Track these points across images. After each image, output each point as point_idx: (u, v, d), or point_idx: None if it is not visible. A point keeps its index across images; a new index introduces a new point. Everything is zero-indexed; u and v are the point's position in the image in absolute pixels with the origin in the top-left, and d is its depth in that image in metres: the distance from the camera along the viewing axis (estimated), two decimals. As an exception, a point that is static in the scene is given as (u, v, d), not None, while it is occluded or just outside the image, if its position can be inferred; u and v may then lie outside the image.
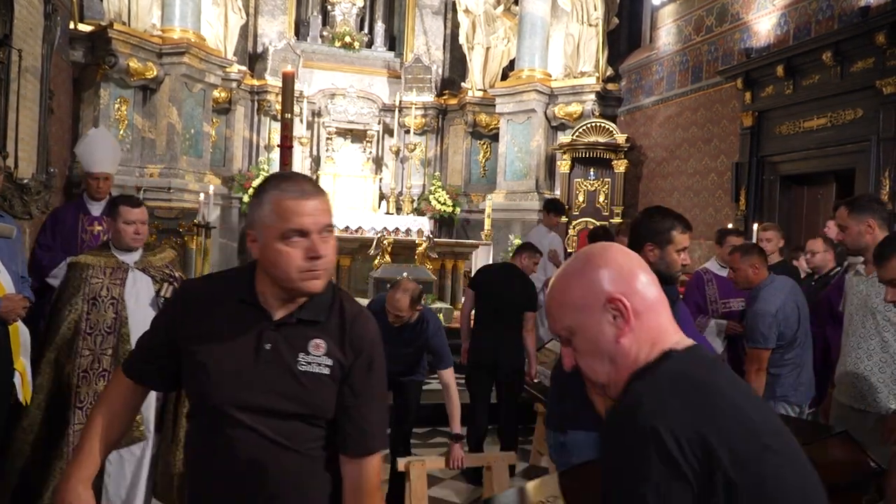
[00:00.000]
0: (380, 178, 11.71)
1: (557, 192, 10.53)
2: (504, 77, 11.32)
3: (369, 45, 12.21)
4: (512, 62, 11.19)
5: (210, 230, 6.36)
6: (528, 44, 10.60)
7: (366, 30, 12.34)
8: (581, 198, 10.26)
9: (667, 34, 9.75)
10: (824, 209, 7.34)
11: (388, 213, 11.28)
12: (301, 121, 10.74)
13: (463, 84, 11.85)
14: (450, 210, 11.54)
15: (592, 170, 10.20)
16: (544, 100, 10.61)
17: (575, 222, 10.08)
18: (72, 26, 8.04)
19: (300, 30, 12.04)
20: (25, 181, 5.25)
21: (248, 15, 10.81)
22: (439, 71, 12.23)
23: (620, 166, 10.01)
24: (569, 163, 10.19)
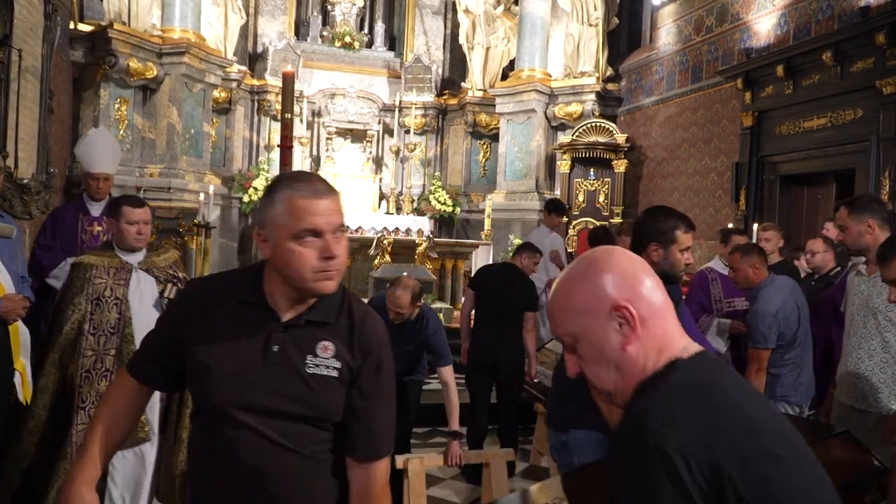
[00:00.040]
0: (380, 178, 11.71)
1: (557, 192, 10.52)
2: (504, 77, 11.31)
3: (369, 45, 12.21)
4: (512, 62, 11.19)
5: (210, 230, 6.36)
6: (528, 44, 10.60)
7: (366, 30, 12.34)
8: (581, 198, 10.26)
9: (667, 34, 9.75)
10: (824, 209, 7.34)
11: (388, 213, 11.28)
12: (301, 121, 10.74)
13: (463, 84, 11.85)
14: (450, 210, 11.54)
15: (592, 170, 10.21)
16: (544, 100, 10.61)
17: (575, 222, 10.08)
18: (72, 26, 8.04)
19: (300, 30, 12.04)
20: (25, 181, 5.25)
21: (248, 15, 10.81)
22: (439, 71, 12.23)
23: (620, 166, 10.01)
24: (569, 163, 10.19)
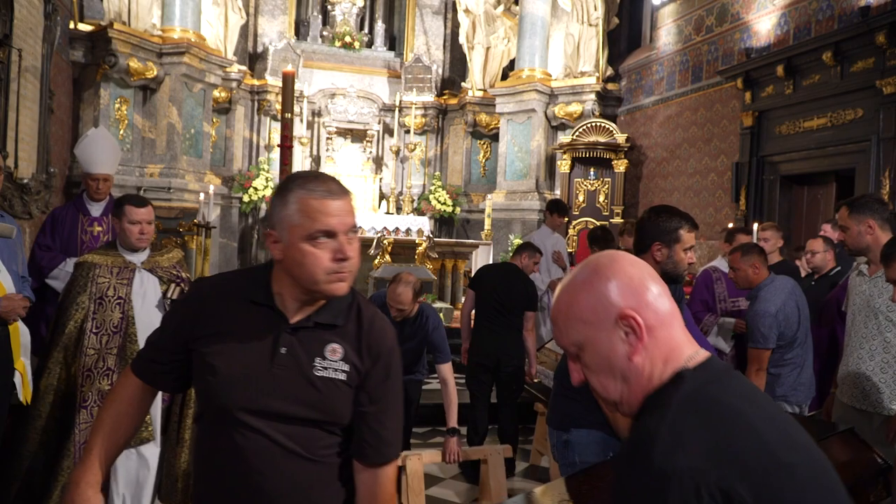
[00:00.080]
0: (380, 178, 11.71)
1: (557, 192, 10.53)
2: (504, 77, 11.32)
3: (369, 44, 12.22)
4: (512, 62, 11.19)
5: (210, 230, 6.34)
6: (528, 44, 10.60)
7: (366, 30, 12.35)
8: (581, 198, 10.27)
9: (667, 34, 9.75)
10: (824, 209, 7.34)
11: (388, 213, 11.28)
12: (301, 121, 10.75)
13: (463, 84, 11.86)
14: (450, 210, 11.54)
15: (592, 170, 10.22)
16: (544, 100, 10.61)
17: (575, 222, 10.09)
18: (72, 26, 8.05)
19: (300, 30, 12.04)
20: (25, 181, 5.26)
21: (248, 15, 10.82)
22: (439, 71, 12.23)
23: (620, 166, 10.01)
24: (569, 163, 10.20)
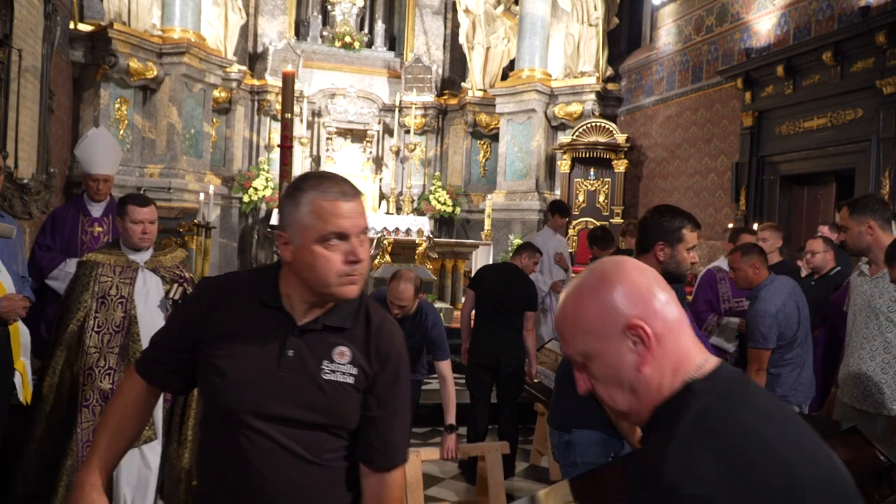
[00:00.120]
0: (380, 178, 11.71)
1: (557, 192, 10.53)
2: (504, 77, 11.32)
3: (369, 45, 12.22)
4: (512, 62, 11.19)
5: (210, 230, 6.33)
6: (528, 44, 10.60)
7: (366, 30, 12.35)
8: (581, 198, 10.27)
9: (667, 34, 9.76)
10: (824, 209, 7.35)
11: (388, 213, 11.28)
12: (301, 121, 10.75)
13: (463, 84, 11.86)
14: (450, 210, 11.54)
15: (592, 170, 10.22)
16: (544, 100, 10.61)
17: (575, 222, 10.09)
18: (72, 26, 8.05)
19: (300, 30, 12.05)
20: (25, 181, 5.26)
21: (248, 15, 10.82)
22: (439, 71, 12.23)
23: (620, 166, 10.01)
24: (569, 163, 10.20)
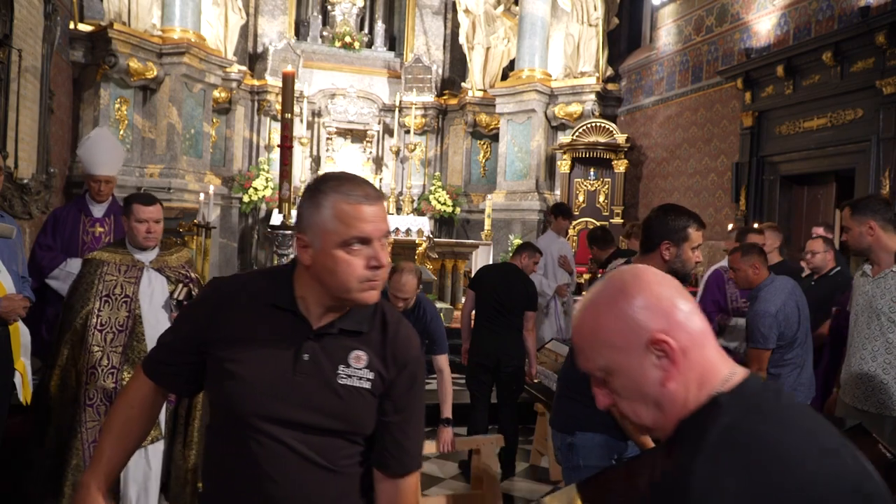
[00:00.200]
0: (380, 178, 11.71)
1: (557, 192, 10.54)
2: (504, 77, 11.32)
3: (369, 45, 12.22)
4: (512, 62, 11.19)
5: (210, 230, 6.34)
6: (528, 44, 10.60)
7: (366, 30, 12.34)
8: (581, 198, 10.27)
9: (667, 34, 9.76)
10: (824, 209, 7.35)
11: (388, 214, 11.26)
12: (301, 121, 10.75)
13: (463, 84, 11.86)
14: (450, 210, 11.54)
15: (592, 170, 10.22)
16: (544, 100, 10.61)
17: (575, 222, 10.07)
18: (72, 26, 8.05)
19: (300, 30, 12.04)
20: (25, 181, 5.26)
21: (248, 15, 10.81)
22: (439, 71, 12.23)
23: (620, 166, 10.02)
24: (569, 163, 10.20)
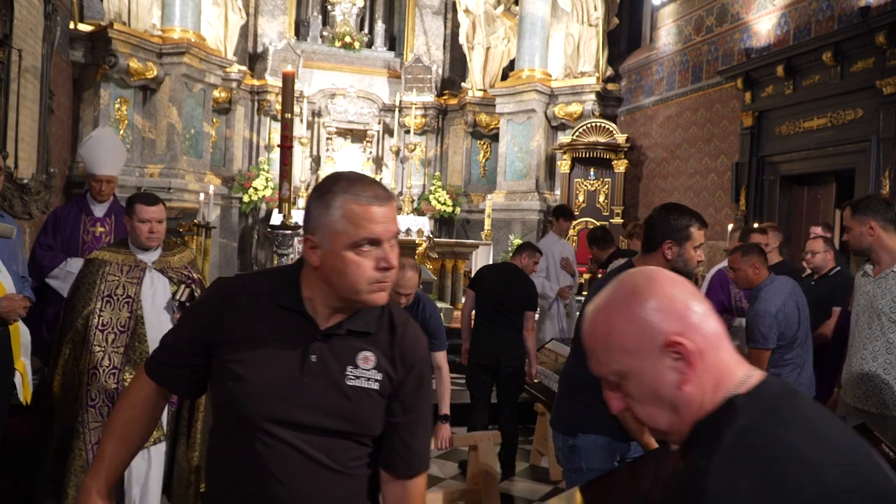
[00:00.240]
0: (380, 179, 11.69)
1: (557, 192, 10.54)
2: (504, 77, 11.32)
3: (369, 45, 12.22)
4: (512, 62, 11.19)
5: (210, 230, 6.35)
6: (528, 44, 10.60)
7: (366, 30, 12.34)
8: (581, 198, 10.27)
9: (667, 34, 9.76)
10: (824, 209, 7.35)
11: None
12: (301, 121, 10.75)
13: (463, 84, 11.86)
14: (450, 210, 11.55)
15: (592, 170, 10.22)
16: (544, 100, 10.61)
17: (575, 222, 10.07)
18: (72, 26, 8.05)
19: (300, 30, 12.04)
20: (25, 181, 5.26)
21: (248, 15, 10.81)
22: (439, 71, 12.23)
23: (620, 166, 10.02)
24: (569, 163, 10.20)
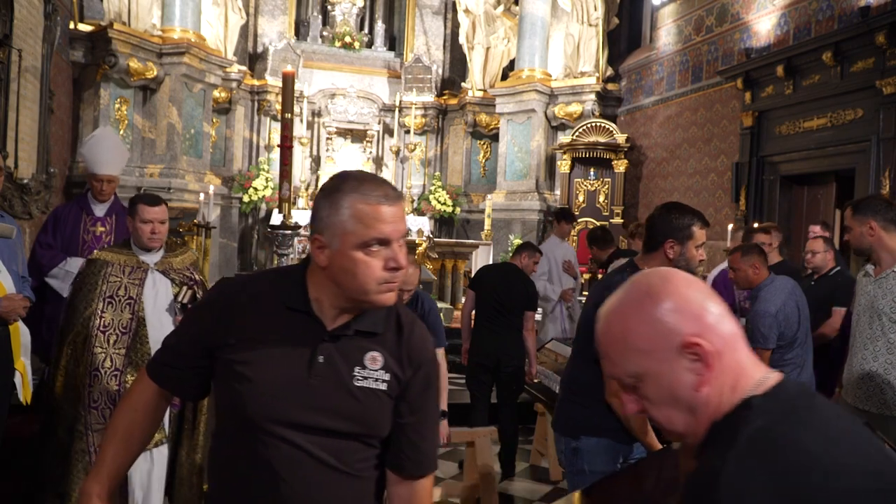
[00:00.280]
0: (380, 178, 11.69)
1: (557, 192, 10.54)
2: (504, 77, 11.31)
3: (369, 45, 12.21)
4: (512, 62, 11.19)
5: (210, 230, 6.35)
6: (528, 44, 10.60)
7: (366, 30, 12.34)
8: (581, 198, 10.27)
9: (667, 34, 9.75)
10: (824, 209, 7.35)
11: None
12: (301, 121, 10.75)
13: (463, 84, 11.85)
14: (450, 210, 11.54)
15: (592, 170, 10.22)
16: (544, 100, 10.61)
17: (575, 223, 10.08)
18: (72, 26, 8.05)
19: (300, 30, 12.04)
20: (25, 181, 5.26)
21: (248, 15, 10.81)
22: (439, 71, 12.23)
23: (620, 166, 10.01)
24: (569, 163, 10.20)
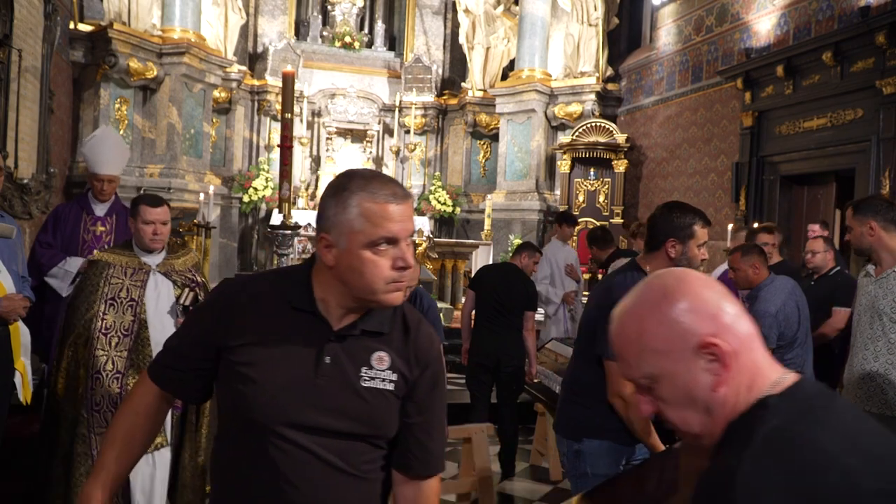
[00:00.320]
0: (380, 179, 11.68)
1: (557, 192, 10.54)
2: (504, 77, 11.31)
3: (369, 45, 12.22)
4: (512, 62, 11.19)
5: (210, 230, 6.34)
6: (528, 44, 10.60)
7: (366, 30, 12.34)
8: (581, 198, 10.27)
9: (667, 34, 9.75)
10: (824, 209, 7.35)
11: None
12: (301, 121, 10.75)
13: (463, 84, 11.85)
14: (450, 210, 11.54)
15: (592, 170, 10.21)
16: (544, 100, 10.61)
17: (576, 226, 10.08)
18: (72, 26, 8.05)
19: (300, 30, 12.04)
20: (25, 181, 5.26)
21: (248, 15, 10.81)
22: (439, 71, 12.23)
23: (620, 166, 10.01)
24: (569, 163, 10.20)
